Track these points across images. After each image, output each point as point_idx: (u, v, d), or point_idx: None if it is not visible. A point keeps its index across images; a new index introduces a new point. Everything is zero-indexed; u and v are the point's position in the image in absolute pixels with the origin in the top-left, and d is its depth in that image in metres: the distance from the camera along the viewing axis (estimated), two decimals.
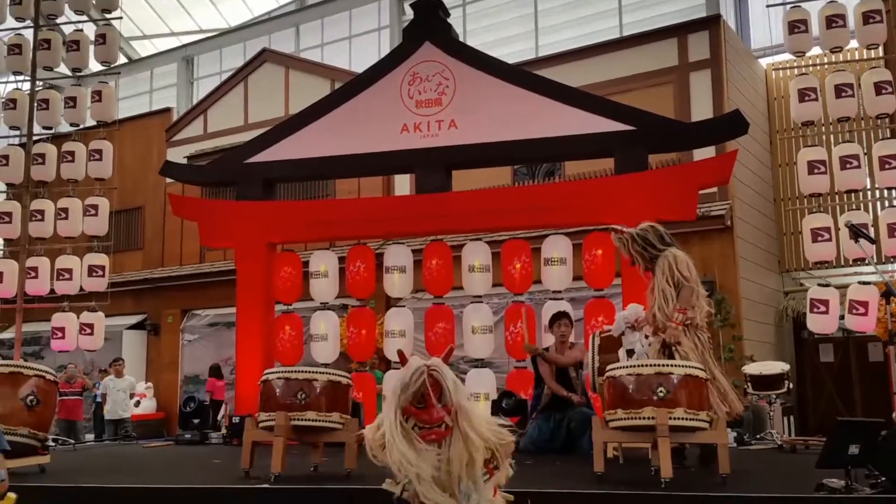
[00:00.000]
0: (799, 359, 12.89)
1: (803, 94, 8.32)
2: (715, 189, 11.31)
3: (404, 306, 9.01)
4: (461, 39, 10.21)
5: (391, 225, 8.94)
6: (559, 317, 7.07)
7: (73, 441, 10.04)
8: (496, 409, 7.77)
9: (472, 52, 9.03)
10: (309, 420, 5.25)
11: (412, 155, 8.65)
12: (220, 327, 15.69)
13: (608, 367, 4.98)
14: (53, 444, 8.09)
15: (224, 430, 9.33)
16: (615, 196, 7.91)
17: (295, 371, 5.58)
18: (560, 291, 8.38)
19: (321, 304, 9.15)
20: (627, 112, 8.28)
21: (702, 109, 12.44)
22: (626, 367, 4.85)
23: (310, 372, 5.51)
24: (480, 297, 8.66)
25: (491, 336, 8.51)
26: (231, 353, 11.07)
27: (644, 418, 4.59)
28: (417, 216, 8.63)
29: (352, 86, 9.35)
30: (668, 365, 4.78)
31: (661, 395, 4.57)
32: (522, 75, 8.94)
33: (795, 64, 12.08)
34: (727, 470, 4.64)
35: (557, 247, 8.37)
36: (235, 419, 8.43)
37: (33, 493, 5.33)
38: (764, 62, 15.29)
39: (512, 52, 16.60)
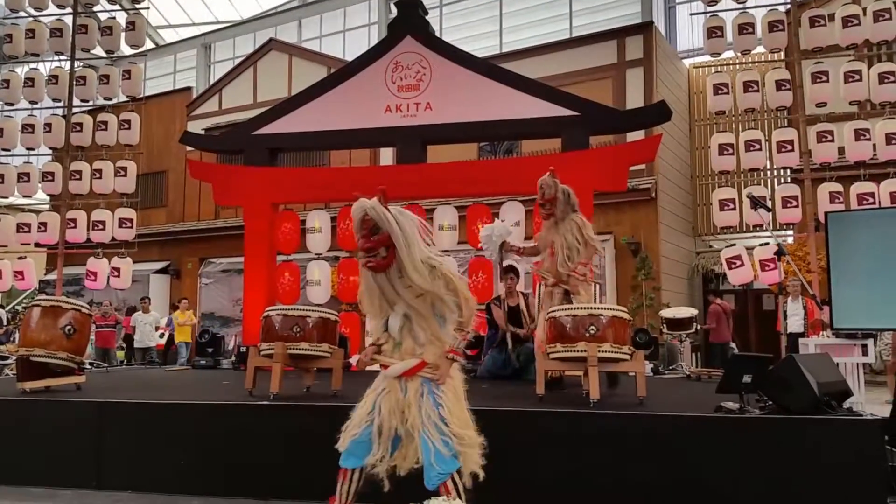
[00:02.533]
0: (706, 306, 13.13)
1: (717, 89, 8.34)
2: (643, 166, 11.35)
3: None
4: (438, 35, 10.01)
5: (375, 189, 8.81)
6: (507, 271, 7.09)
7: (106, 365, 9.95)
8: None
9: (447, 46, 8.88)
10: (302, 349, 5.23)
11: (394, 131, 8.53)
12: (232, 273, 15.57)
13: (549, 310, 5.00)
14: (90, 367, 7.99)
15: (233, 358, 9.29)
16: (561, 170, 7.80)
17: (291, 309, 5.53)
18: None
19: (316, 254, 9.07)
20: (573, 100, 8.22)
21: (635, 100, 12.43)
22: (564, 309, 4.86)
23: (304, 310, 5.47)
24: (448, 251, 8.62)
25: None
26: (240, 295, 10.98)
27: (578, 351, 4.63)
28: (398, 183, 8.47)
29: (344, 71, 9.16)
30: (598, 308, 4.81)
31: (592, 332, 4.60)
32: (488, 67, 8.80)
33: (712, 63, 12.07)
34: (643, 393, 4.71)
35: (513, 211, 8.34)
36: (242, 348, 8.39)
37: (70, 406, 5.28)
38: (687, 62, 15.29)
39: (480, 48, 16.39)
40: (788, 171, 10.03)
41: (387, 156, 13.52)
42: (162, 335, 13.62)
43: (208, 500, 4.53)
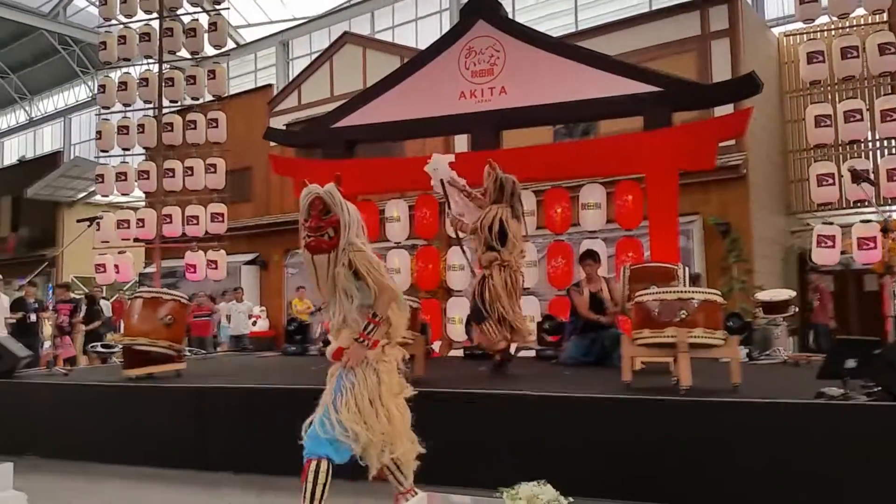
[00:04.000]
0: (803, 288, 12.46)
1: (812, 57, 7.81)
2: (731, 142, 10.83)
3: (464, 245, 8.94)
4: (510, 16, 9.87)
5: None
6: (585, 256, 6.95)
7: (203, 351, 10.41)
8: (540, 329, 7.71)
9: (520, 28, 8.74)
10: None
11: (468, 118, 8.49)
12: None
13: (636, 294, 4.85)
14: (189, 354, 8.38)
15: (320, 345, 9.53)
16: (644, 150, 7.63)
17: None
18: (595, 232, 8.18)
19: (395, 243, 9.16)
20: (655, 76, 7.94)
21: (720, 73, 11.87)
22: (652, 293, 4.70)
23: None
24: (526, 237, 8.51)
25: (536, 269, 8.39)
26: None
27: (666, 336, 4.47)
28: (473, 170, 8.46)
29: (417, 61, 9.18)
30: (688, 291, 4.64)
31: (682, 316, 4.43)
32: (564, 46, 8.61)
33: (805, 30, 11.38)
34: (738, 380, 4.51)
35: (593, 193, 8.15)
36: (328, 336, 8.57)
37: (172, 392, 5.56)
38: (777, 31, 14.49)
39: (555, 27, 16.09)
40: (894, 141, 9.34)
41: (461, 143, 13.48)
42: (254, 323, 14.15)
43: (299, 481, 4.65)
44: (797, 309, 8.04)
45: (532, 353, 7.82)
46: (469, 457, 4.36)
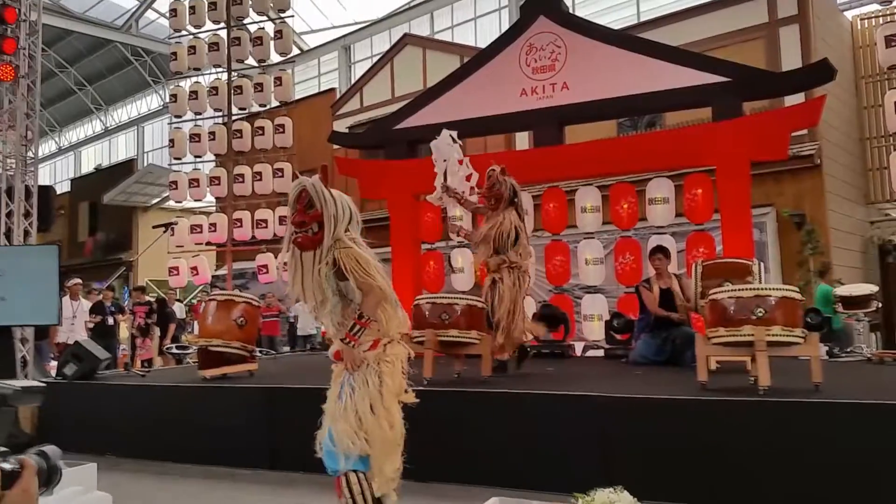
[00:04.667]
0: (885, 282, 11.84)
1: (889, 41, 7.38)
2: (804, 131, 10.40)
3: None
4: (570, 11, 9.72)
5: (514, 175, 8.73)
6: (655, 251, 6.77)
7: (274, 352, 10.66)
8: (608, 328, 7.58)
9: (581, 22, 8.62)
10: (452, 336, 5.31)
11: (530, 115, 8.42)
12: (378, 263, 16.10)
13: (710, 291, 4.70)
14: (259, 354, 8.60)
15: None
16: (714, 141, 7.40)
17: (440, 297, 5.65)
18: (663, 227, 7.99)
19: (457, 242, 9.15)
20: (723, 65, 7.69)
21: (790, 61, 11.40)
22: (727, 290, 4.55)
23: (451, 297, 5.57)
24: (592, 233, 8.41)
25: (602, 266, 8.26)
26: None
27: (743, 335, 4.31)
28: (536, 167, 8.42)
29: (478, 59, 9.16)
30: (766, 288, 4.46)
31: (759, 314, 4.26)
32: (626, 39, 8.45)
33: (882, 13, 10.80)
34: (819, 379, 4.31)
35: (661, 188, 7.96)
36: None
37: (245, 392, 5.70)
38: (850, 14, 13.81)
39: (616, 19, 15.76)
40: None
41: (523, 140, 13.38)
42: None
43: None
44: (880, 304, 7.65)
45: (600, 353, 7.70)
46: (540, 460, 4.31)
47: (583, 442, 4.25)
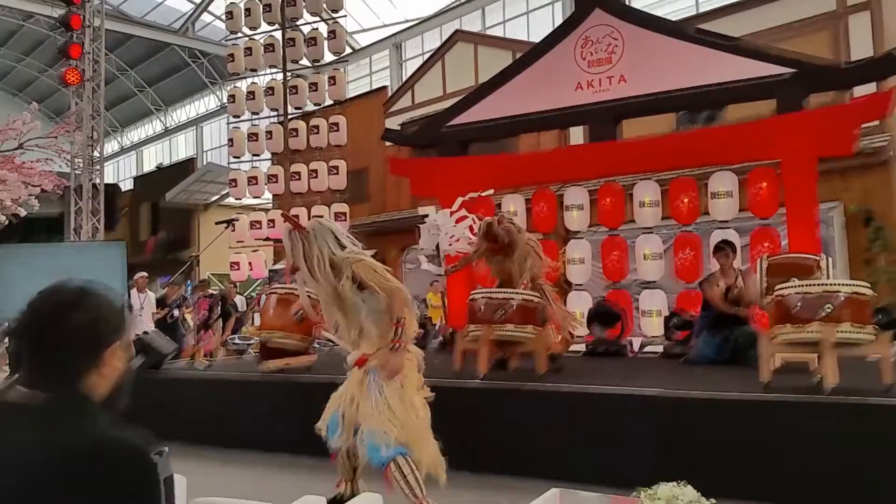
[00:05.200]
0: None
1: None
2: (875, 123, 10.02)
3: (583, 238, 8.82)
4: (627, 2, 9.59)
5: (569, 171, 8.75)
6: (719, 247, 6.65)
7: (330, 345, 10.84)
8: (667, 325, 7.48)
9: (638, 14, 8.52)
10: (507, 332, 5.31)
11: (586, 109, 8.30)
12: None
13: (776, 288, 4.60)
14: (317, 346, 8.78)
15: (439, 339, 9.70)
16: (778, 135, 7.21)
17: (495, 292, 5.63)
18: (726, 221, 7.83)
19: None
20: (788, 57, 7.47)
21: (860, 51, 10.98)
22: (794, 287, 4.44)
23: (507, 293, 5.55)
24: (651, 228, 8.30)
25: (661, 262, 8.15)
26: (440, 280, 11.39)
27: (810, 333, 4.21)
28: (591, 162, 8.36)
29: (531, 54, 9.11)
30: (834, 284, 4.34)
31: (827, 311, 4.16)
32: (685, 30, 8.28)
33: None
34: (890, 380, 4.18)
35: (724, 181, 7.79)
36: (448, 330, 8.73)
37: (304, 384, 5.85)
38: None
39: (675, 10, 15.45)
40: None
41: (577, 135, 13.27)
42: None
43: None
44: None
45: (658, 351, 7.61)
46: (598, 456, 4.31)
47: (642, 440, 4.24)
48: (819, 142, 6.97)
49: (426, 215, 6.50)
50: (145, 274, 10.94)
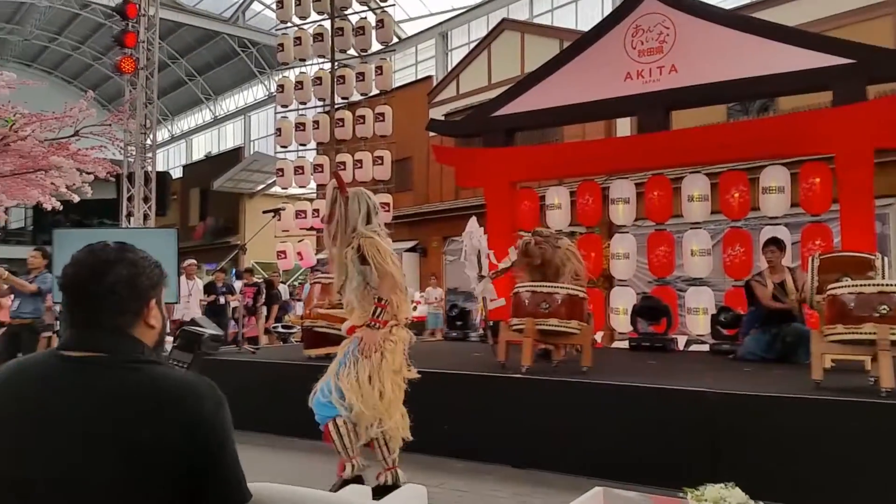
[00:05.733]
0: None
1: None
2: None
3: (627, 232, 8.71)
4: None
5: (616, 162, 8.64)
6: (769, 243, 6.51)
7: None
8: (715, 322, 7.35)
9: (691, 2, 8.28)
10: (551, 325, 5.30)
11: (635, 99, 8.20)
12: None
13: (829, 287, 4.48)
14: None
15: (480, 331, 9.72)
16: (834, 127, 7.00)
17: (540, 285, 5.61)
18: (777, 217, 7.64)
19: (556, 231, 9.09)
20: (846, 46, 7.23)
21: None
22: (848, 286, 4.33)
23: (552, 286, 5.53)
24: (699, 223, 8.15)
25: (709, 258, 7.99)
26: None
27: (864, 333, 4.10)
28: (639, 154, 8.24)
29: (579, 43, 9.00)
30: (891, 284, 4.21)
31: (883, 311, 4.04)
32: (739, 19, 8.09)
33: None
34: None
35: (775, 176, 7.59)
36: (489, 322, 8.73)
37: None
38: None
39: None
40: None
41: (624, 126, 13.10)
42: (415, 308, 14.72)
43: (469, 465, 4.82)
44: None
45: (705, 348, 7.50)
46: (646, 451, 4.28)
47: (690, 437, 4.19)
48: (877, 134, 6.76)
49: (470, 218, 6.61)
50: (194, 261, 11.23)
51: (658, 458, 4.22)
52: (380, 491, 3.47)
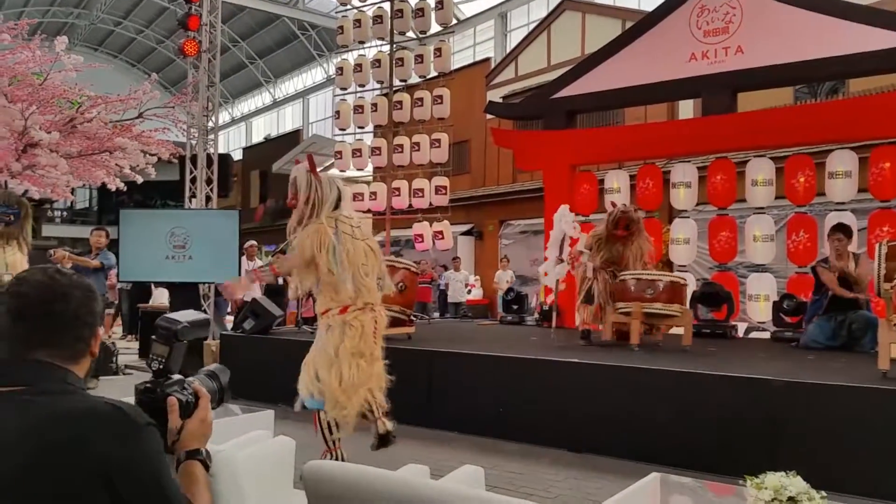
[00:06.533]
0: None
1: None
2: None
3: (689, 217, 8.58)
4: None
5: (678, 145, 8.49)
6: (835, 229, 6.34)
7: (428, 318, 11.13)
8: (777, 309, 7.20)
9: None
10: (655, 309, 5.86)
11: (699, 81, 8.05)
12: (529, 234, 16.22)
13: None
14: (414, 318, 9.04)
15: (536, 315, 9.74)
16: None
17: (645, 273, 6.14)
18: (843, 203, 7.40)
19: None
20: None
21: None
22: None
23: (656, 274, 6.15)
24: (763, 208, 7.96)
25: (772, 244, 7.82)
26: (537, 255, 11.39)
27: None
28: (703, 137, 8.08)
29: (643, 23, 8.85)
30: None
31: None
32: None
33: None
34: None
35: (843, 160, 7.36)
36: (545, 306, 8.76)
37: (403, 353, 6.06)
38: None
39: None
40: None
41: (686, 108, 12.80)
42: (470, 291, 14.83)
43: (525, 448, 4.88)
44: None
45: (766, 335, 7.37)
46: (705, 438, 4.27)
47: (750, 425, 4.16)
48: None
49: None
50: (254, 243, 11.56)
51: (715, 445, 4.21)
52: None
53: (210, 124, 11.83)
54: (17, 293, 1.30)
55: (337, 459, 3.79)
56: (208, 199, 11.76)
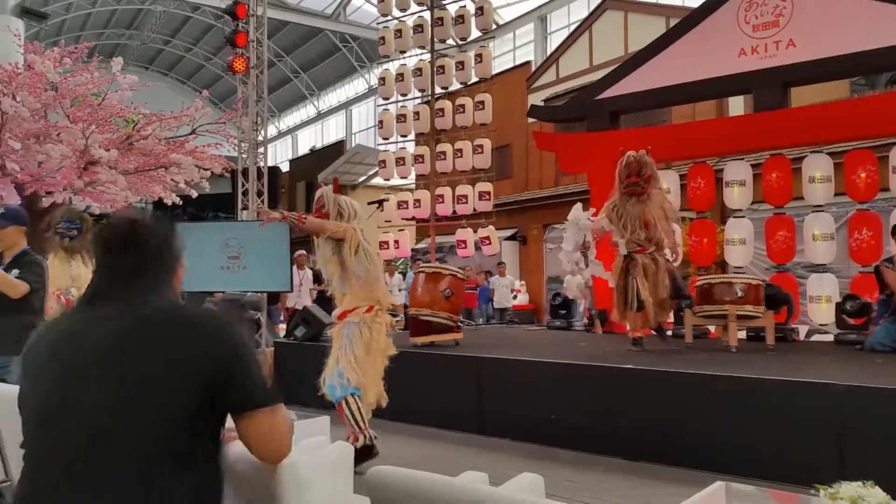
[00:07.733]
0: None
1: None
2: None
3: (743, 216, 8.32)
4: None
5: (730, 143, 8.26)
6: None
7: (474, 324, 11.08)
8: (840, 311, 6.92)
9: None
10: (747, 311, 6.01)
11: (750, 76, 7.82)
12: None
13: None
14: (461, 324, 9.00)
15: (584, 320, 9.59)
16: None
17: (726, 276, 6.44)
18: None
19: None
20: None
21: None
22: None
23: (735, 277, 6.36)
24: (821, 206, 7.67)
25: (833, 243, 7.52)
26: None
27: None
28: (756, 133, 7.84)
29: (689, 20, 8.66)
30: None
31: None
32: None
33: None
34: None
35: None
36: (593, 311, 8.62)
37: (453, 360, 6.03)
38: None
39: None
40: None
41: (737, 105, 12.48)
42: (515, 296, 14.71)
43: (579, 455, 4.78)
44: None
45: (828, 338, 7.09)
46: (770, 446, 4.10)
47: (815, 432, 3.98)
48: None
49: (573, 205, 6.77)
50: (304, 252, 11.68)
51: (778, 453, 4.04)
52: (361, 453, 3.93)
53: (259, 138, 12.05)
54: (112, 225, 1.64)
55: (367, 440, 4.17)
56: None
